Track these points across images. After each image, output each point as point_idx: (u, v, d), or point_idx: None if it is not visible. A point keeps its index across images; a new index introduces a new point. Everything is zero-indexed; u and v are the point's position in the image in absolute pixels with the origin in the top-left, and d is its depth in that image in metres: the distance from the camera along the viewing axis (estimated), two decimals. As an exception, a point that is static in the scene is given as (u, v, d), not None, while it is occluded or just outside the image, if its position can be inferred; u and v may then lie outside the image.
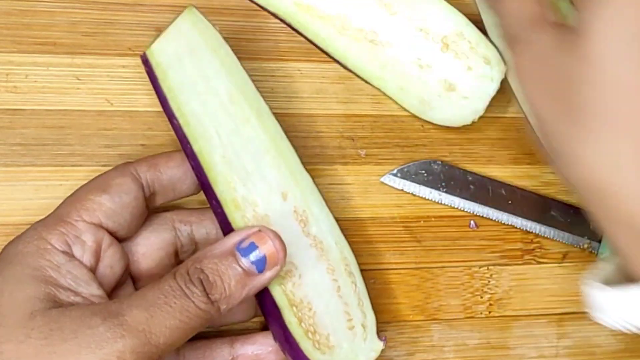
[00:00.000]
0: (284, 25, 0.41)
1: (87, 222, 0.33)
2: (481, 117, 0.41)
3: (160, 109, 0.35)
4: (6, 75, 0.38)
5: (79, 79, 0.39)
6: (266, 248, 0.33)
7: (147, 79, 0.35)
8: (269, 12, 0.41)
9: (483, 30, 0.42)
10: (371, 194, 0.42)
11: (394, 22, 0.40)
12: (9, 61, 0.38)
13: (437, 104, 0.41)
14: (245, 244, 0.33)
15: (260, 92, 0.37)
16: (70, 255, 0.32)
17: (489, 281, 0.42)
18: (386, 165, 0.42)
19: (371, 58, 0.41)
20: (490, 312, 0.42)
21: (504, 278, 0.42)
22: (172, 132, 0.36)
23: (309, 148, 0.41)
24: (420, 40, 0.40)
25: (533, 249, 0.43)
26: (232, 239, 0.33)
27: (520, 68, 0.34)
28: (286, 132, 0.37)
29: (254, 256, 0.33)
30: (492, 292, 0.42)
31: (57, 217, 0.33)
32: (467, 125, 0.41)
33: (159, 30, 0.35)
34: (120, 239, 0.35)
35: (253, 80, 0.36)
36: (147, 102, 0.39)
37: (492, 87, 0.41)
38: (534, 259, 0.43)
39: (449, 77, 0.40)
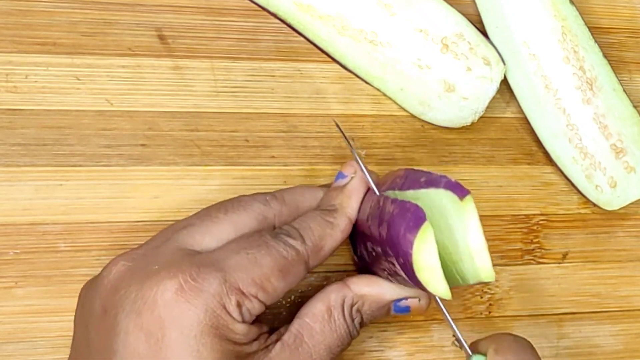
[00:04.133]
0: (284, 25, 0.41)
1: (262, 301, 0.32)
2: (481, 118, 0.41)
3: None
4: (6, 75, 0.38)
5: (78, 79, 0.39)
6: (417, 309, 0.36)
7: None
8: (269, 12, 0.41)
9: (483, 31, 0.42)
10: (371, 194, 0.42)
11: (394, 23, 0.40)
12: (9, 61, 0.38)
13: (437, 104, 0.41)
14: (402, 305, 0.35)
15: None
16: (242, 322, 0.31)
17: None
18: (386, 165, 0.42)
19: (371, 59, 0.41)
20: (490, 312, 0.42)
21: (504, 278, 0.42)
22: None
23: (309, 148, 0.41)
24: (420, 41, 0.40)
25: (533, 249, 0.43)
26: (390, 296, 0.35)
27: None
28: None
29: (402, 308, 0.36)
30: (492, 292, 0.42)
31: (232, 283, 0.31)
32: (467, 125, 0.41)
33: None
34: None
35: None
36: (147, 102, 0.39)
37: (492, 88, 0.41)
38: (534, 259, 0.43)
39: (448, 78, 0.40)
